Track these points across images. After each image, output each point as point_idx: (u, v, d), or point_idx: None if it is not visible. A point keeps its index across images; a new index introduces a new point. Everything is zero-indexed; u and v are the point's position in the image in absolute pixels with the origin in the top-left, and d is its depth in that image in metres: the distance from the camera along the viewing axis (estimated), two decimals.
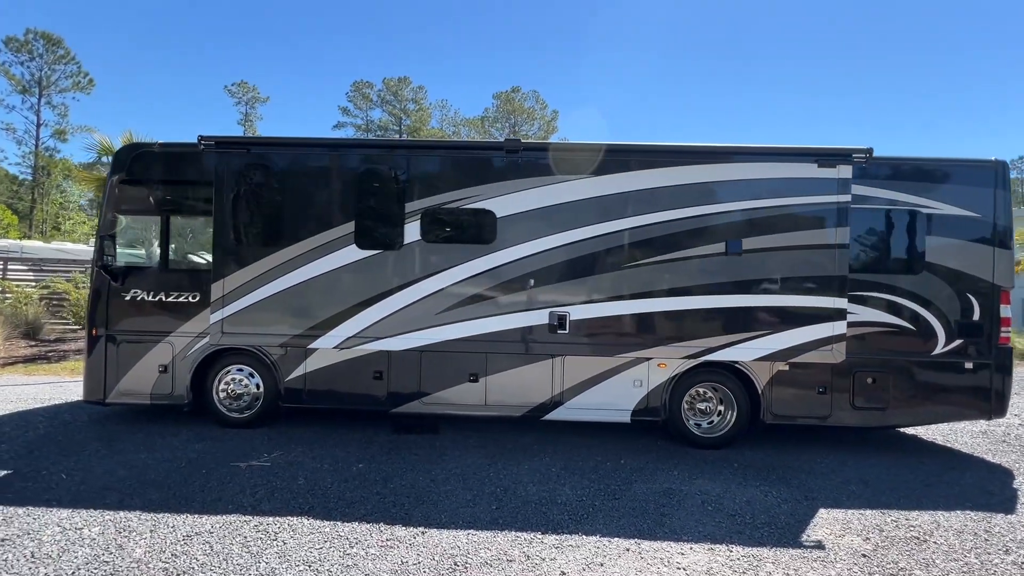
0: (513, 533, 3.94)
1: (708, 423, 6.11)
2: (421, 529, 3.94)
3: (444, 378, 6.03)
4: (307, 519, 4.05)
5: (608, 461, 5.51)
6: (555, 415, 6.04)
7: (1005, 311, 5.92)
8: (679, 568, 3.56)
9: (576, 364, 5.95)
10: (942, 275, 5.88)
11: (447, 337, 5.64)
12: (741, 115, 79.19)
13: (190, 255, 6.70)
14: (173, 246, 6.37)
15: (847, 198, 5.45)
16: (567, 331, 5.59)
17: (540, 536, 3.91)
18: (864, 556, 3.77)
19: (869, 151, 5.47)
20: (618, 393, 6.00)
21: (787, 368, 5.86)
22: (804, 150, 5.54)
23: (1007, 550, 3.92)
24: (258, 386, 6.20)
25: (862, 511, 4.51)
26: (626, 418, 6.05)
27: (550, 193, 5.61)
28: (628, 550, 3.76)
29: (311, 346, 5.81)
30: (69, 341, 12.48)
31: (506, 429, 6.45)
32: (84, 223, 31.32)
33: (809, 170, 5.47)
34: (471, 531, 3.95)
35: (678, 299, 5.60)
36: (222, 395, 6.23)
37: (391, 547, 3.70)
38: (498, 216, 5.62)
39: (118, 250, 6.17)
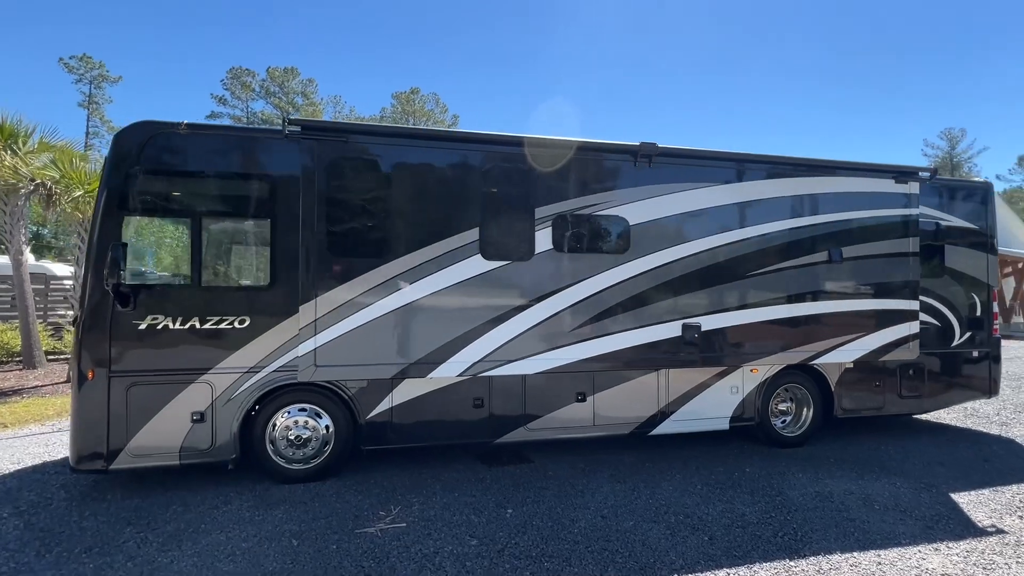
0: (766, 565, 3.68)
1: (782, 423, 6.41)
2: None
3: (551, 400, 5.48)
4: None
5: (735, 471, 5.47)
6: (662, 429, 5.84)
7: (995, 307, 7.11)
8: (941, 575, 3.63)
9: (680, 375, 5.82)
10: (956, 277, 6.87)
11: (582, 356, 5.12)
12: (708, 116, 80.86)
13: (217, 267, 5.23)
14: (209, 258, 4.91)
15: (917, 211, 6.09)
16: (699, 343, 5.42)
17: (792, 564, 3.71)
18: None
19: (935, 170, 6.17)
20: (718, 401, 6.00)
21: (852, 366, 6.37)
22: (884, 167, 6.08)
23: None
24: (327, 428, 5.05)
25: (979, 491, 5.04)
26: (725, 425, 6.07)
27: (683, 200, 5.40)
28: (879, 564, 3.74)
29: (431, 375, 4.86)
30: None
31: (597, 449, 6.07)
32: None
33: (888, 185, 6.00)
34: (727, 570, 3.61)
35: (797, 306, 5.74)
36: (281, 443, 4.96)
37: None
38: (631, 223, 5.26)
39: (128, 264, 4.57)
